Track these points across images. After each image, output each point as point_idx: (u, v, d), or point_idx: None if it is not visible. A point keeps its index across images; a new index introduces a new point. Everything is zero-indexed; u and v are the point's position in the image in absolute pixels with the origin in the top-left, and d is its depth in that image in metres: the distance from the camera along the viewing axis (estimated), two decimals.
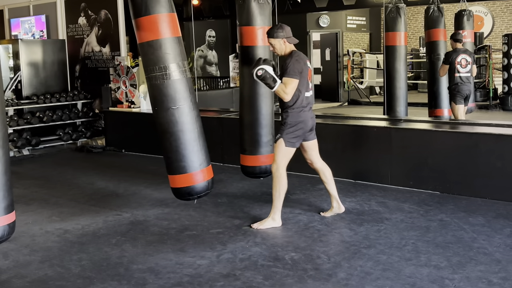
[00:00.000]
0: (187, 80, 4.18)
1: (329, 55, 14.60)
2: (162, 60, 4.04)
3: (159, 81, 4.06)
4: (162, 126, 4.15)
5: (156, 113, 4.18)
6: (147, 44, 4.07)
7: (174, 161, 4.16)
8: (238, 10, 4.86)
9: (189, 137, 4.15)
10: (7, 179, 3.51)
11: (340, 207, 4.53)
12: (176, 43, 4.14)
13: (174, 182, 4.24)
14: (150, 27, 4.04)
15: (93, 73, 8.99)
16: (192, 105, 4.16)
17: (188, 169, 4.14)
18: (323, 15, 14.05)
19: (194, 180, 4.17)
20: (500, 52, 11.86)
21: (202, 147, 4.24)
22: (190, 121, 4.14)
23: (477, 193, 4.98)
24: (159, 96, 4.10)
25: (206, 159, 4.27)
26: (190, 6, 11.49)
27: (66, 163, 7.39)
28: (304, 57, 4.26)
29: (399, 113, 7.27)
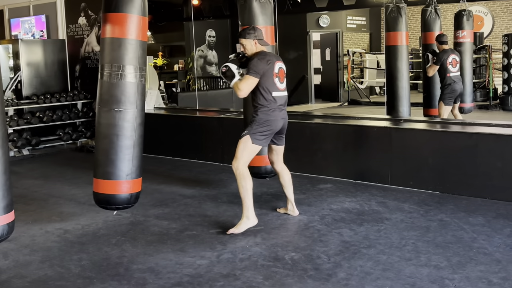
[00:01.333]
0: (140, 86, 4.11)
1: (329, 55, 14.59)
2: (120, 59, 3.98)
3: (111, 79, 4.00)
4: (100, 126, 4.07)
5: (98, 111, 4.10)
6: (110, 39, 4.03)
7: (101, 165, 4.09)
8: (240, 10, 4.86)
9: (123, 144, 4.04)
10: (6, 178, 3.51)
11: (294, 211, 4.57)
12: (138, 46, 4.06)
13: (96, 186, 4.16)
14: (117, 24, 3.98)
15: (93, 73, 8.97)
16: (137, 112, 4.07)
17: (114, 177, 4.05)
18: (323, 15, 14.05)
19: (117, 189, 4.06)
20: (500, 52, 11.85)
21: (135, 157, 4.10)
22: (129, 128, 4.04)
23: (477, 193, 4.98)
24: (106, 94, 4.03)
25: (137, 171, 4.14)
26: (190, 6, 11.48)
27: (66, 163, 7.39)
28: (272, 57, 4.19)
29: (402, 113, 7.26)
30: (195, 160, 7.11)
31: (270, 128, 4.16)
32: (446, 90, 6.85)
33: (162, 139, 7.50)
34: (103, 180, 4.09)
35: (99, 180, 4.13)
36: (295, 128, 6.16)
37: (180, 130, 7.35)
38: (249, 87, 4.08)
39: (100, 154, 4.10)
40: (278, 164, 4.49)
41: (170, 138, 7.48)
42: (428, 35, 7.55)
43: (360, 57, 15.16)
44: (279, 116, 4.19)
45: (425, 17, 7.50)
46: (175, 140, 7.38)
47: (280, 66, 4.24)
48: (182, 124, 7.43)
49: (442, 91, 6.96)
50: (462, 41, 7.75)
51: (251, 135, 4.12)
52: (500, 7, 15.36)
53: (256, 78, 4.06)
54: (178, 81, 13.22)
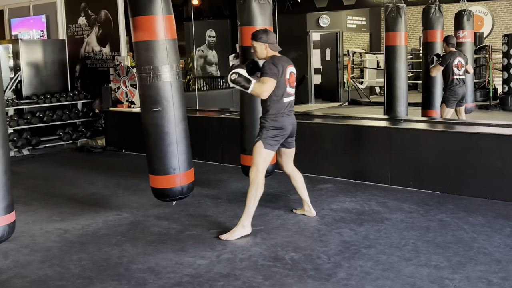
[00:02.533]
0: (178, 83, 4.22)
1: (329, 55, 14.59)
2: (153, 60, 4.07)
3: (145, 81, 4.12)
4: (144, 126, 4.26)
5: (146, 112, 4.25)
6: (141, 43, 4.10)
7: (149, 162, 4.31)
8: (239, 10, 4.86)
9: (164, 142, 4.20)
10: (7, 179, 3.51)
11: (311, 212, 4.56)
12: (170, 45, 4.15)
13: (152, 182, 4.38)
14: (146, 27, 4.05)
15: (93, 73, 8.99)
16: (176, 108, 4.19)
17: (161, 172, 4.25)
18: (323, 15, 14.04)
19: (168, 183, 4.26)
20: (500, 52, 11.86)
21: (182, 152, 4.28)
22: (169, 125, 4.18)
23: (477, 193, 4.98)
24: (143, 96, 4.20)
25: (184, 164, 4.31)
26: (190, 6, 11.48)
27: (66, 163, 7.39)
28: (285, 62, 4.15)
29: (400, 113, 7.27)
30: (195, 160, 7.04)
31: (281, 133, 4.15)
32: (449, 92, 6.83)
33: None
34: (155, 176, 4.31)
35: (152, 176, 4.35)
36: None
37: None
38: (270, 88, 4.00)
39: (148, 152, 4.32)
40: (288, 166, 4.47)
41: None
42: (429, 33, 7.54)
43: (360, 57, 15.16)
44: (288, 122, 4.18)
45: (429, 15, 7.48)
46: None
47: (291, 70, 4.19)
48: None
49: (445, 93, 6.94)
50: (462, 41, 7.75)
51: (263, 141, 4.10)
52: (500, 7, 15.36)
53: (274, 80, 4.00)
54: None
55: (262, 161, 4.10)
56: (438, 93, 7.42)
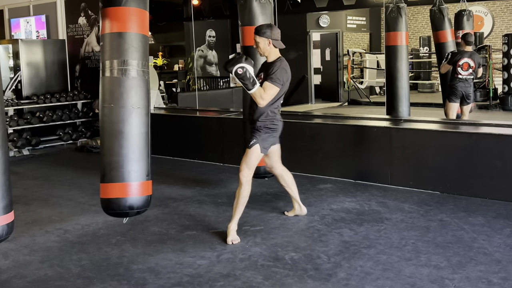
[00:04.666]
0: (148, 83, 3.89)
1: (329, 55, 14.58)
2: (127, 54, 3.72)
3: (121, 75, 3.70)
4: (117, 124, 3.66)
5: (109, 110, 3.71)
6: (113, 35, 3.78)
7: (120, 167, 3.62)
8: (240, 10, 4.86)
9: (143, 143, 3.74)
10: (6, 178, 3.50)
11: (302, 210, 4.54)
12: (142, 41, 3.83)
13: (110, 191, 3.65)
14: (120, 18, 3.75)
15: (93, 73, 8.99)
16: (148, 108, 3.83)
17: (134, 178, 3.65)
18: (323, 15, 14.04)
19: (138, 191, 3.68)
20: (500, 52, 11.85)
21: (149, 157, 3.80)
22: (145, 125, 3.76)
23: (477, 193, 4.98)
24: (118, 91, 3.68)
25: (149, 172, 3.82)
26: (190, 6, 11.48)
27: (66, 163, 7.39)
28: (288, 66, 4.09)
29: (402, 113, 7.27)
30: (195, 160, 7.11)
31: (276, 135, 4.15)
32: (449, 88, 6.90)
33: (162, 139, 7.50)
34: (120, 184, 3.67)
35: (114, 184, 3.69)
36: (295, 128, 6.17)
37: (180, 130, 7.35)
38: (272, 97, 3.95)
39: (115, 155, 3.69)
40: (278, 167, 4.40)
41: (170, 138, 7.48)
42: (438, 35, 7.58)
43: (360, 57, 15.15)
44: (280, 125, 4.16)
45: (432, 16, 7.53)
46: (175, 140, 7.38)
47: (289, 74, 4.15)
48: (182, 124, 7.43)
49: (447, 88, 7.01)
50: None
51: (260, 144, 4.04)
52: (500, 7, 15.35)
53: (279, 89, 3.95)
54: (178, 81, 13.22)
55: (254, 163, 4.06)
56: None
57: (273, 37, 4.01)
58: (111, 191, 3.66)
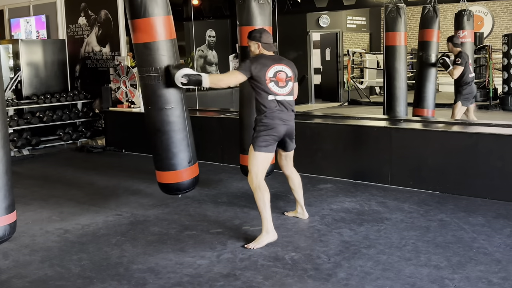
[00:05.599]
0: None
1: (329, 55, 14.58)
2: (157, 61, 4.11)
3: (154, 81, 4.15)
4: (155, 124, 4.27)
5: (149, 112, 4.29)
6: (143, 45, 4.13)
7: (165, 159, 4.30)
8: (238, 10, 4.86)
9: (180, 136, 4.27)
10: (8, 179, 3.51)
11: (304, 214, 4.53)
12: (170, 45, 4.18)
13: (163, 178, 4.40)
14: (147, 29, 4.09)
15: (93, 73, 8.99)
16: (184, 105, 4.29)
17: (178, 167, 4.30)
18: (323, 15, 14.04)
19: (182, 177, 4.34)
20: (500, 52, 11.85)
21: (191, 146, 4.37)
22: (181, 121, 4.27)
23: (477, 193, 4.98)
24: (153, 96, 4.21)
25: (194, 158, 4.41)
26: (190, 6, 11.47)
27: (66, 163, 7.39)
28: (270, 60, 4.01)
29: (399, 113, 7.28)
30: None
31: (271, 133, 3.98)
32: (465, 90, 6.81)
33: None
34: (168, 172, 4.33)
35: (164, 173, 4.36)
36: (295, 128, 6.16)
37: None
38: (230, 77, 4.09)
39: (159, 149, 4.32)
40: (288, 168, 4.42)
41: None
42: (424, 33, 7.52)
43: (360, 57, 15.15)
44: (278, 121, 3.99)
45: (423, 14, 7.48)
46: None
47: (278, 69, 4.01)
48: None
49: (459, 92, 6.91)
50: (462, 41, 7.73)
51: (254, 145, 4.00)
52: (500, 7, 15.35)
53: (242, 74, 3.94)
54: None
55: (257, 165, 3.97)
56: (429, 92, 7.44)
57: (263, 40, 4.05)
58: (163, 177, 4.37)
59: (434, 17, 7.39)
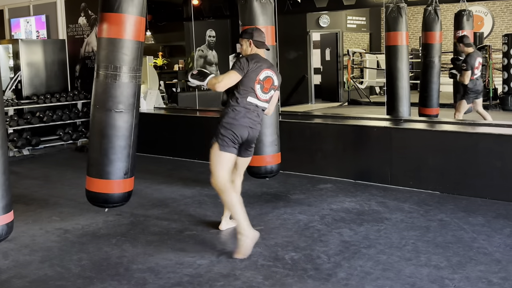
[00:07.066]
0: (137, 87, 4.11)
1: (329, 55, 14.58)
2: (117, 60, 3.95)
3: (110, 80, 3.98)
4: (99, 125, 4.04)
5: (95, 110, 4.09)
6: (107, 40, 3.99)
7: (100, 164, 4.05)
8: (240, 10, 4.86)
9: (122, 144, 4.04)
10: (5, 178, 3.51)
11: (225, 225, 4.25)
12: (136, 47, 4.03)
13: (92, 185, 4.12)
14: (116, 24, 3.93)
15: (93, 73, 8.98)
16: (135, 113, 4.08)
17: (112, 176, 4.04)
18: (323, 15, 14.04)
19: (115, 188, 4.08)
20: (500, 52, 11.84)
21: (131, 157, 4.11)
22: (128, 128, 4.05)
23: (477, 193, 4.98)
24: (103, 95, 4.02)
25: (131, 171, 4.15)
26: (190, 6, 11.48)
27: (66, 163, 7.39)
28: (262, 63, 3.85)
29: (402, 113, 7.29)
30: (195, 160, 7.11)
31: (238, 133, 3.76)
32: (470, 90, 6.94)
33: (162, 139, 7.50)
34: (101, 180, 4.09)
35: (96, 180, 4.11)
36: (295, 128, 6.17)
37: (180, 130, 7.35)
38: (229, 80, 3.74)
39: (96, 152, 4.09)
40: (236, 177, 4.10)
41: (170, 138, 7.48)
42: (427, 35, 7.58)
43: (360, 57, 15.15)
44: (245, 123, 3.77)
45: (425, 16, 7.53)
46: (176, 140, 7.38)
47: (268, 75, 3.86)
48: (182, 124, 7.43)
49: (465, 91, 7.03)
50: None
51: (219, 142, 3.78)
52: (500, 7, 15.35)
53: (238, 74, 3.74)
54: (178, 81, 13.22)
55: (219, 167, 3.76)
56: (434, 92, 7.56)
57: (254, 38, 3.91)
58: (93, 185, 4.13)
59: (436, 19, 7.42)
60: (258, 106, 3.85)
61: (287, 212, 4.66)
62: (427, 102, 7.67)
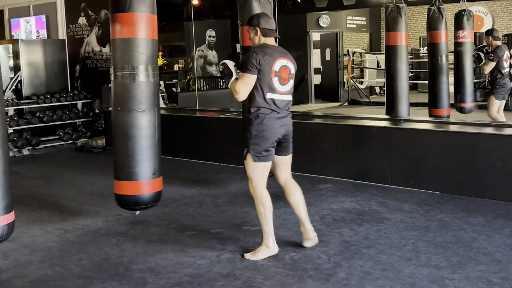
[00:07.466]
0: (155, 85, 4.07)
1: (329, 55, 14.59)
2: (134, 59, 3.91)
3: (128, 80, 3.93)
4: (123, 127, 3.98)
5: (117, 113, 4.02)
6: (121, 41, 3.97)
7: (127, 167, 3.99)
8: (240, 10, 4.87)
9: (147, 144, 4.00)
10: (6, 179, 3.51)
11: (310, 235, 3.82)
12: (151, 45, 4.01)
13: (121, 188, 4.05)
14: (129, 24, 3.92)
15: (93, 73, 9.00)
16: (157, 111, 4.04)
17: (140, 177, 3.98)
18: (323, 15, 14.05)
19: (144, 189, 4.01)
20: None
21: (158, 156, 4.07)
22: (151, 127, 4.00)
23: (477, 193, 4.98)
24: (124, 96, 3.96)
25: (159, 170, 4.11)
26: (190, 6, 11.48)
27: (66, 163, 7.39)
28: (273, 52, 3.57)
29: (401, 113, 7.28)
30: (195, 160, 7.11)
31: (268, 140, 3.58)
32: (498, 84, 6.96)
33: (162, 139, 7.48)
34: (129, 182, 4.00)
35: (124, 182, 4.02)
36: (295, 128, 6.14)
37: (180, 130, 7.35)
38: (247, 86, 3.49)
39: (123, 155, 4.01)
40: (282, 176, 3.88)
41: (170, 138, 7.47)
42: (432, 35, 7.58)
43: (360, 57, 15.16)
44: (275, 124, 3.58)
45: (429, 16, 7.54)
46: (175, 140, 7.38)
47: (284, 64, 3.61)
48: (182, 124, 7.43)
49: (493, 86, 7.06)
50: (462, 41, 7.74)
51: (252, 153, 3.58)
52: (500, 7, 15.36)
53: (252, 75, 3.48)
54: (178, 81, 13.22)
55: (258, 175, 3.63)
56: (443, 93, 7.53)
57: (261, 25, 3.62)
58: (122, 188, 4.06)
59: (440, 18, 7.43)
60: (280, 101, 3.61)
61: (287, 212, 4.65)
62: (437, 103, 7.60)
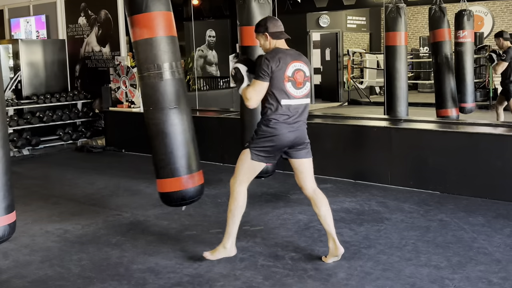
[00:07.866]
0: (182, 81, 4.10)
1: (329, 55, 14.59)
2: (159, 58, 3.92)
3: (156, 79, 3.94)
4: (158, 126, 3.97)
5: (149, 113, 4.01)
6: (144, 41, 3.97)
7: (168, 163, 3.95)
8: (239, 10, 4.86)
9: (184, 139, 4.01)
10: (7, 179, 3.50)
11: (338, 249, 3.56)
12: (172, 42, 4.02)
13: (166, 186, 4.01)
14: (148, 24, 3.92)
15: (93, 73, 8.99)
16: (187, 106, 4.08)
17: (182, 172, 3.97)
18: (323, 15, 14.05)
19: (187, 184, 4.00)
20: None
21: (196, 150, 4.10)
22: (185, 123, 4.01)
23: (477, 193, 4.98)
24: (155, 95, 3.96)
25: (199, 163, 4.13)
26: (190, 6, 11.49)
27: (66, 163, 7.39)
28: (286, 56, 3.52)
29: (400, 113, 7.28)
30: None
31: (273, 144, 3.49)
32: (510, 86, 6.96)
33: None
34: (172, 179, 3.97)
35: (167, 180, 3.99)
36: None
37: None
38: (258, 94, 3.43)
39: (162, 154, 3.98)
40: (307, 185, 3.66)
41: None
42: (435, 34, 7.57)
43: (360, 57, 15.16)
44: (286, 130, 3.47)
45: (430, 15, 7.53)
46: None
47: (298, 67, 3.55)
48: None
49: (506, 89, 7.12)
50: (462, 41, 7.74)
51: (251, 149, 3.52)
52: (500, 7, 15.36)
53: (265, 82, 3.41)
54: None
55: (244, 172, 3.56)
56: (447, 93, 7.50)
57: (270, 30, 3.56)
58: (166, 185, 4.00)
59: (442, 16, 7.43)
60: (295, 106, 3.50)
61: (287, 212, 4.66)
62: (444, 103, 7.53)
